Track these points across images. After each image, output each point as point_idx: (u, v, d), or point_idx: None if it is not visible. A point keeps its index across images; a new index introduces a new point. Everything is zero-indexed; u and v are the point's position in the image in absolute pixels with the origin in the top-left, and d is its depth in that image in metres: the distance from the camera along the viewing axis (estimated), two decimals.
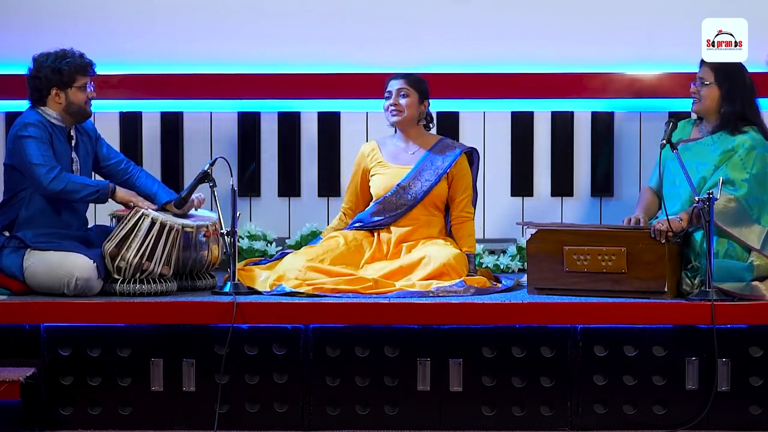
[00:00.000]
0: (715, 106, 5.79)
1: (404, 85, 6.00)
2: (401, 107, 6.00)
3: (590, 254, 5.58)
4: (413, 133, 6.08)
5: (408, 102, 6.01)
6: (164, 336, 5.49)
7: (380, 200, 6.02)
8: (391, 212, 6.00)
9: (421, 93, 6.03)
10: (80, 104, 5.75)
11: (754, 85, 5.81)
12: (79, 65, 5.74)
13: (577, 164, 6.71)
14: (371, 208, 6.06)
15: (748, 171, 5.68)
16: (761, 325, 5.44)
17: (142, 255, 5.57)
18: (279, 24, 6.66)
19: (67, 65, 5.71)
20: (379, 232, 6.02)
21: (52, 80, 5.71)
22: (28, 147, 5.64)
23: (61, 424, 5.50)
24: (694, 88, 5.82)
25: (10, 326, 5.47)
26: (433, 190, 5.98)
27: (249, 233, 6.60)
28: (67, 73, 5.71)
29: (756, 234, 5.62)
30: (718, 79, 5.76)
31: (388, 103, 6.02)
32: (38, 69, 5.74)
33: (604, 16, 6.63)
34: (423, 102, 6.05)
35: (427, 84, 6.06)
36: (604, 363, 5.48)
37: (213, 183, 5.70)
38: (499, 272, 6.41)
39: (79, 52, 5.77)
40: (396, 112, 6.01)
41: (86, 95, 5.77)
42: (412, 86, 6.01)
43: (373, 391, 5.50)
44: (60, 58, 5.73)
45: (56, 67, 5.71)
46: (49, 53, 5.75)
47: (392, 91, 6.01)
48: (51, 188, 5.62)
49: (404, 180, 6.00)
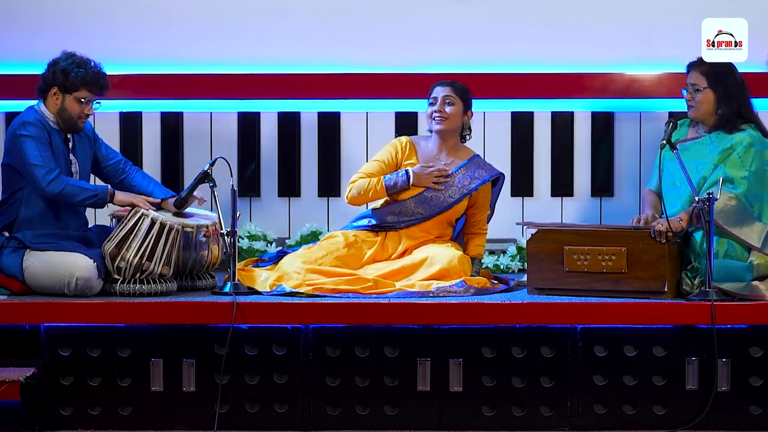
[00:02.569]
0: (712, 110, 5.78)
1: (451, 93, 5.93)
2: (446, 115, 5.92)
3: (590, 254, 5.58)
4: (450, 143, 6.00)
5: (453, 111, 5.93)
6: (164, 336, 5.49)
7: (400, 203, 5.96)
8: (407, 217, 5.96)
9: (465, 102, 5.97)
10: (71, 115, 5.71)
11: (745, 82, 5.81)
12: (89, 79, 5.69)
13: (577, 164, 6.71)
14: (388, 208, 6.00)
15: (747, 168, 5.68)
16: (761, 325, 5.45)
17: (142, 255, 5.57)
18: (279, 24, 6.66)
19: (78, 74, 5.67)
20: (386, 233, 6.00)
21: (57, 79, 5.69)
22: (27, 147, 5.63)
23: (61, 424, 5.50)
24: (688, 95, 5.80)
25: (10, 326, 5.48)
26: (454, 207, 5.96)
27: (249, 233, 6.60)
28: (73, 80, 5.67)
29: (757, 232, 5.62)
30: (711, 83, 5.75)
31: (433, 110, 5.93)
32: (55, 63, 5.71)
33: (604, 16, 6.63)
34: (467, 112, 5.99)
35: (471, 94, 6.01)
36: (604, 363, 5.48)
37: (213, 183, 5.70)
38: (499, 272, 6.41)
39: (101, 69, 5.71)
40: (441, 120, 5.93)
41: (81, 109, 5.71)
42: (458, 95, 5.94)
43: (373, 391, 5.50)
44: (77, 64, 5.68)
45: (67, 69, 5.68)
46: (73, 55, 5.71)
47: (438, 97, 5.93)
48: (49, 190, 5.61)
49: (429, 190, 5.94)
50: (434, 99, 5.95)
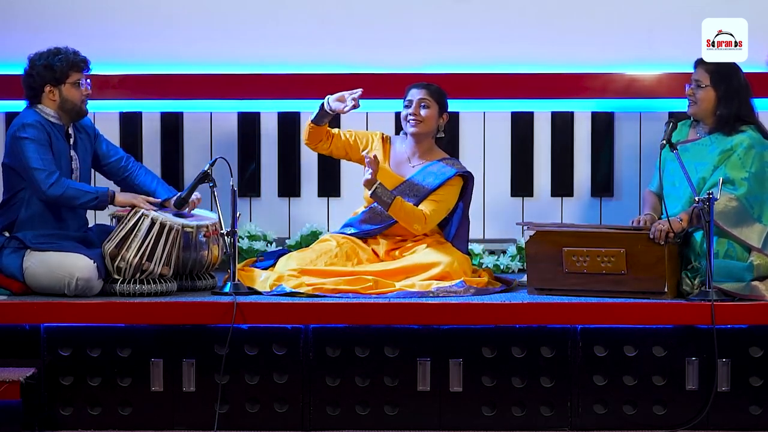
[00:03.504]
0: (711, 108, 5.78)
1: (426, 96, 5.90)
2: (421, 118, 5.89)
3: (589, 255, 5.58)
4: (424, 145, 5.97)
5: (428, 114, 5.90)
6: (164, 336, 5.49)
7: (369, 208, 5.97)
8: (379, 222, 5.95)
9: (441, 106, 5.93)
10: (74, 101, 5.74)
11: (749, 84, 5.80)
12: (72, 61, 5.73)
13: (577, 164, 6.71)
14: (360, 216, 6.01)
15: (747, 170, 5.68)
16: (761, 325, 5.45)
17: (142, 255, 5.57)
18: (279, 24, 6.66)
19: (59, 61, 5.70)
20: (368, 241, 5.99)
21: (45, 77, 5.71)
22: (27, 150, 5.63)
23: (61, 424, 5.50)
24: (689, 90, 5.80)
25: (10, 326, 5.48)
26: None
27: (249, 233, 6.60)
28: (60, 69, 5.70)
29: (757, 233, 5.62)
30: (714, 81, 5.75)
31: (408, 113, 5.91)
32: (32, 67, 5.74)
33: (604, 16, 6.63)
34: (442, 115, 5.96)
35: (446, 97, 5.99)
36: (604, 363, 5.48)
37: (213, 183, 5.70)
38: (499, 272, 6.41)
39: (73, 49, 5.77)
40: (415, 123, 5.90)
41: (80, 92, 5.74)
42: (434, 98, 5.91)
43: (373, 391, 5.50)
44: (53, 55, 5.73)
45: (48, 64, 5.70)
46: (42, 52, 5.75)
47: (413, 100, 5.90)
48: (50, 193, 5.62)
49: (394, 191, 5.88)
50: (409, 102, 5.91)
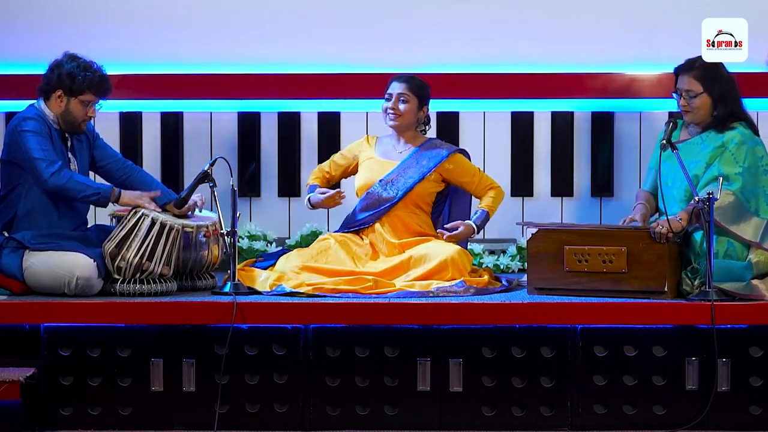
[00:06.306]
0: (709, 113, 5.77)
1: (405, 91, 5.97)
2: (400, 112, 5.98)
3: (590, 254, 5.58)
4: (407, 135, 6.08)
5: (407, 108, 5.98)
6: (164, 336, 5.49)
7: (365, 195, 6.01)
8: (375, 209, 5.99)
9: (421, 99, 6.00)
10: (76, 118, 5.71)
11: (734, 79, 5.79)
12: (95, 84, 5.69)
13: (577, 164, 6.71)
14: (359, 204, 6.05)
15: (741, 165, 5.69)
16: (761, 325, 5.45)
17: (142, 255, 5.57)
18: (279, 24, 6.67)
19: (83, 78, 5.66)
20: (365, 233, 6.02)
21: (63, 82, 5.68)
22: (29, 141, 5.62)
23: (61, 424, 5.50)
24: (682, 101, 5.76)
25: (10, 326, 5.47)
26: (415, 188, 5.96)
27: (249, 233, 6.60)
28: (79, 84, 5.66)
29: (753, 227, 5.61)
30: (706, 87, 5.72)
31: (387, 106, 6.00)
32: (59, 65, 5.69)
33: (604, 16, 6.64)
34: (422, 108, 6.02)
35: (428, 89, 6.03)
36: (604, 363, 5.48)
37: (213, 183, 5.69)
38: (499, 272, 6.41)
39: (103, 71, 5.71)
40: (394, 117, 5.99)
41: (86, 112, 5.71)
42: (413, 92, 5.98)
43: (373, 391, 5.50)
44: (82, 67, 5.68)
45: (72, 73, 5.66)
46: (77, 57, 5.69)
47: (393, 94, 5.99)
48: (52, 182, 5.61)
49: (388, 175, 5.98)
50: (389, 95, 6.00)
